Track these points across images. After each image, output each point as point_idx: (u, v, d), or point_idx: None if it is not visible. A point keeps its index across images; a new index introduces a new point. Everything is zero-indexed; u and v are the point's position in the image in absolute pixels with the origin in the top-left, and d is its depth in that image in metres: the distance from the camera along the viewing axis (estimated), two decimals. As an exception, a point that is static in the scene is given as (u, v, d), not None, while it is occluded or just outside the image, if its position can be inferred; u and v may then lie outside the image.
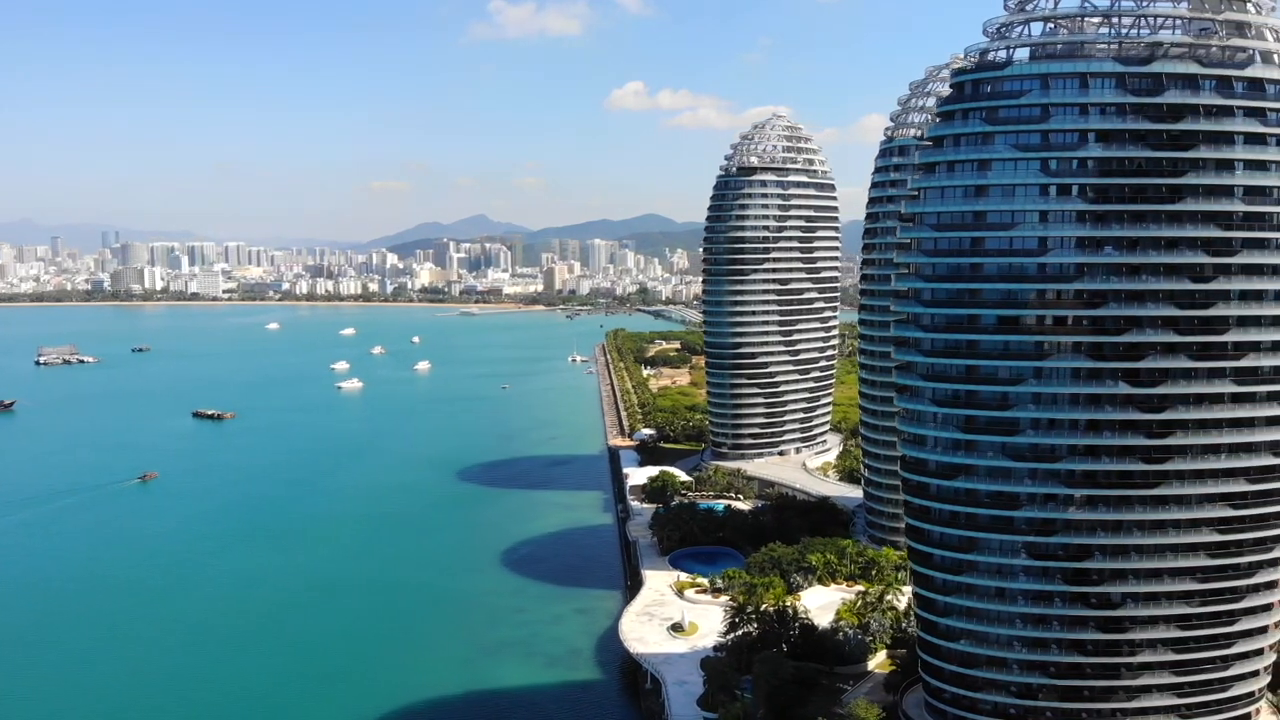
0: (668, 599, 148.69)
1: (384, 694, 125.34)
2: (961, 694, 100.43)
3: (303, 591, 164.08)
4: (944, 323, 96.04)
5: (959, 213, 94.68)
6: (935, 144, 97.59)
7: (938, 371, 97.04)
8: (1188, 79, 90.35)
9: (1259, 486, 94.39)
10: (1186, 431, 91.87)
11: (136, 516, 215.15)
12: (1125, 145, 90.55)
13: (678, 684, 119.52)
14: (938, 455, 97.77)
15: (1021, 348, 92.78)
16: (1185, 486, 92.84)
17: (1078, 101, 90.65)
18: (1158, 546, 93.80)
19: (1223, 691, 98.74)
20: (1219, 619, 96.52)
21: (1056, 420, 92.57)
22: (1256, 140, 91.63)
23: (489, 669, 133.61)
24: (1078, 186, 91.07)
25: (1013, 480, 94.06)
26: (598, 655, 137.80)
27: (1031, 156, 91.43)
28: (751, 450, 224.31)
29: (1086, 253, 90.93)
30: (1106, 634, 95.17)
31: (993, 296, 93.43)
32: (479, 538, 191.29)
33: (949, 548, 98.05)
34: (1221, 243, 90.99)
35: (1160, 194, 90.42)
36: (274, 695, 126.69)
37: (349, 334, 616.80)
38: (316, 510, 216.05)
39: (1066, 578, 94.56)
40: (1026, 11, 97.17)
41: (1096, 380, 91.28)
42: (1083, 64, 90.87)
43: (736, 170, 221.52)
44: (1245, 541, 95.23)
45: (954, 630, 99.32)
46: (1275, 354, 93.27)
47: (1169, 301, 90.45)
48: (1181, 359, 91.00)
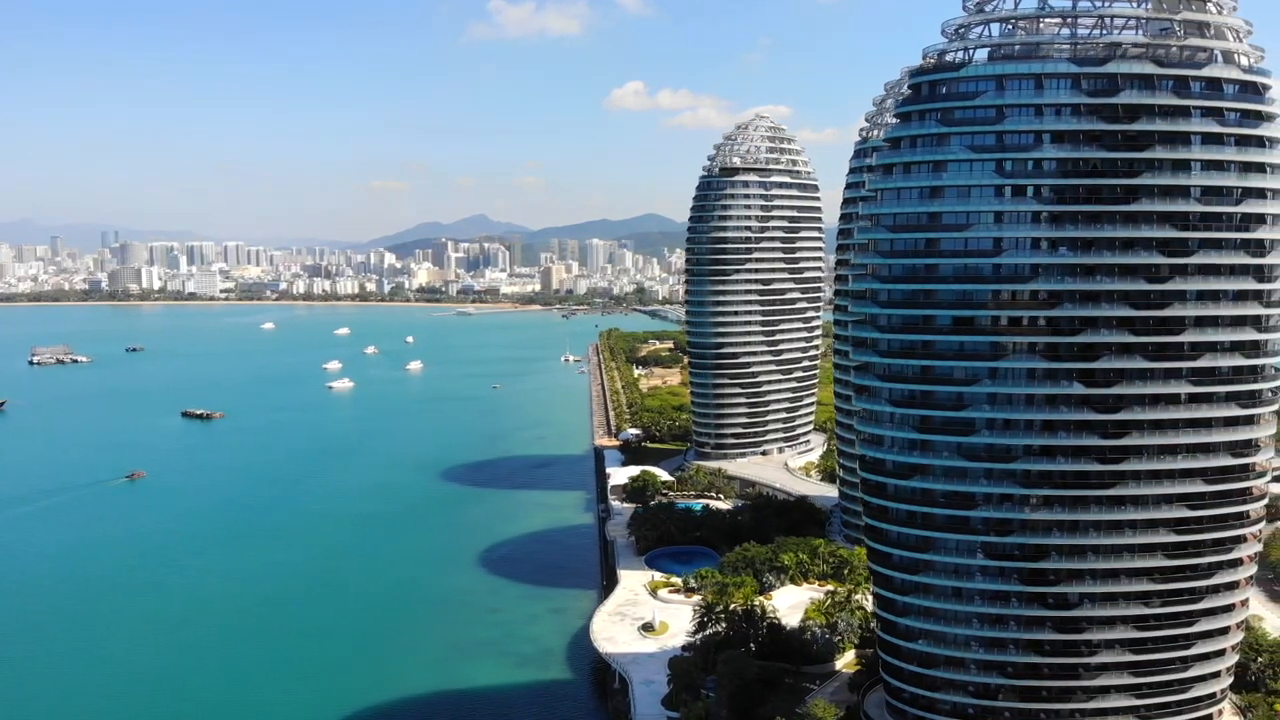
0: (641, 599, 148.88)
1: (354, 693, 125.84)
2: (920, 694, 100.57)
3: (280, 591, 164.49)
4: (900, 323, 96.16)
5: (914, 214, 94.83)
6: (893, 145, 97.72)
7: (894, 372, 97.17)
8: (1143, 79, 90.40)
9: (1217, 488, 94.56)
10: (1142, 432, 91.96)
11: (123, 515, 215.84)
12: (1080, 146, 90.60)
13: (644, 683, 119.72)
14: (894, 455, 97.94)
15: (977, 348, 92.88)
16: (1142, 487, 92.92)
17: (1033, 102, 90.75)
18: (1115, 547, 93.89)
19: (1183, 692, 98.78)
20: (1178, 620, 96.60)
21: (1012, 420, 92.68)
22: (1214, 140, 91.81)
23: (460, 668, 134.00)
24: (1033, 187, 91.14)
25: (968, 480, 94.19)
26: (569, 655, 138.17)
27: (986, 158, 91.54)
28: (734, 450, 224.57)
29: (1041, 253, 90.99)
30: (1064, 634, 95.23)
31: (948, 297, 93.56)
32: (459, 538, 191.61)
33: (906, 547, 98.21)
34: (1178, 243, 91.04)
35: (1116, 194, 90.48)
36: (245, 693, 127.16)
37: (343, 334, 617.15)
38: (299, 510, 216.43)
39: (1023, 578, 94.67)
40: (985, 12, 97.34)
41: (1051, 381, 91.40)
42: (1038, 65, 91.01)
43: (719, 171, 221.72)
44: (1203, 543, 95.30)
45: (912, 630, 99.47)
46: (1233, 355, 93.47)
47: (1124, 302, 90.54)
48: (1137, 359, 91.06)
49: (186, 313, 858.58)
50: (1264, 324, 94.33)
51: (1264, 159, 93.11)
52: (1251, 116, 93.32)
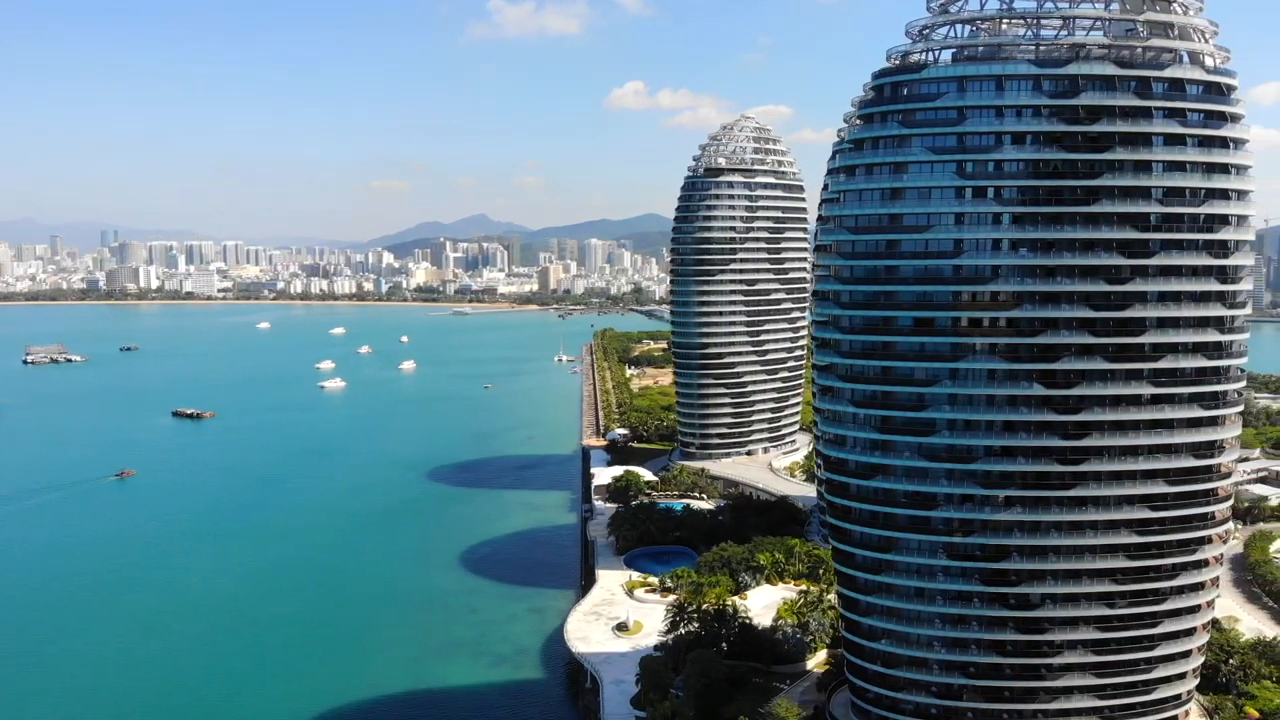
0: (618, 598, 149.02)
1: (326, 692, 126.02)
2: (884, 694, 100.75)
3: (259, 591, 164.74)
4: (861, 324, 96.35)
5: (875, 215, 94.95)
6: (855, 147, 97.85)
7: (856, 372, 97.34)
8: (1104, 80, 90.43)
9: (1179, 489, 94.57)
10: (1103, 433, 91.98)
11: (111, 513, 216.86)
12: (1041, 147, 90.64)
13: (615, 683, 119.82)
14: (857, 455, 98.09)
15: (937, 349, 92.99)
16: (1103, 488, 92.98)
17: (993, 104, 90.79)
18: (1076, 548, 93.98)
19: (1147, 693, 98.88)
20: (1141, 621, 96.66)
21: (972, 421, 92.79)
22: (1175, 141, 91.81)
23: (435, 668, 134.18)
24: (993, 189, 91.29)
25: (929, 480, 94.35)
26: (544, 655, 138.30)
27: (947, 159, 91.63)
28: (719, 450, 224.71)
29: (1002, 255, 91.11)
30: (1026, 635, 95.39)
31: (908, 298, 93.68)
32: (442, 537, 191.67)
33: (869, 547, 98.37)
34: (1138, 244, 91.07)
35: (1076, 196, 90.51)
36: (219, 691, 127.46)
37: (338, 333, 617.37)
38: (283, 509, 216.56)
39: (985, 578, 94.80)
40: (950, 13, 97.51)
41: (1011, 382, 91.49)
42: (998, 66, 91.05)
43: (704, 171, 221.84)
44: (1166, 544, 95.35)
45: (875, 630, 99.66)
46: (1195, 356, 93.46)
47: (1084, 303, 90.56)
48: (1098, 360, 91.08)
49: (183, 312, 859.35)
50: (1227, 325, 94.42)
51: (1227, 160, 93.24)
52: (1215, 117, 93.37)
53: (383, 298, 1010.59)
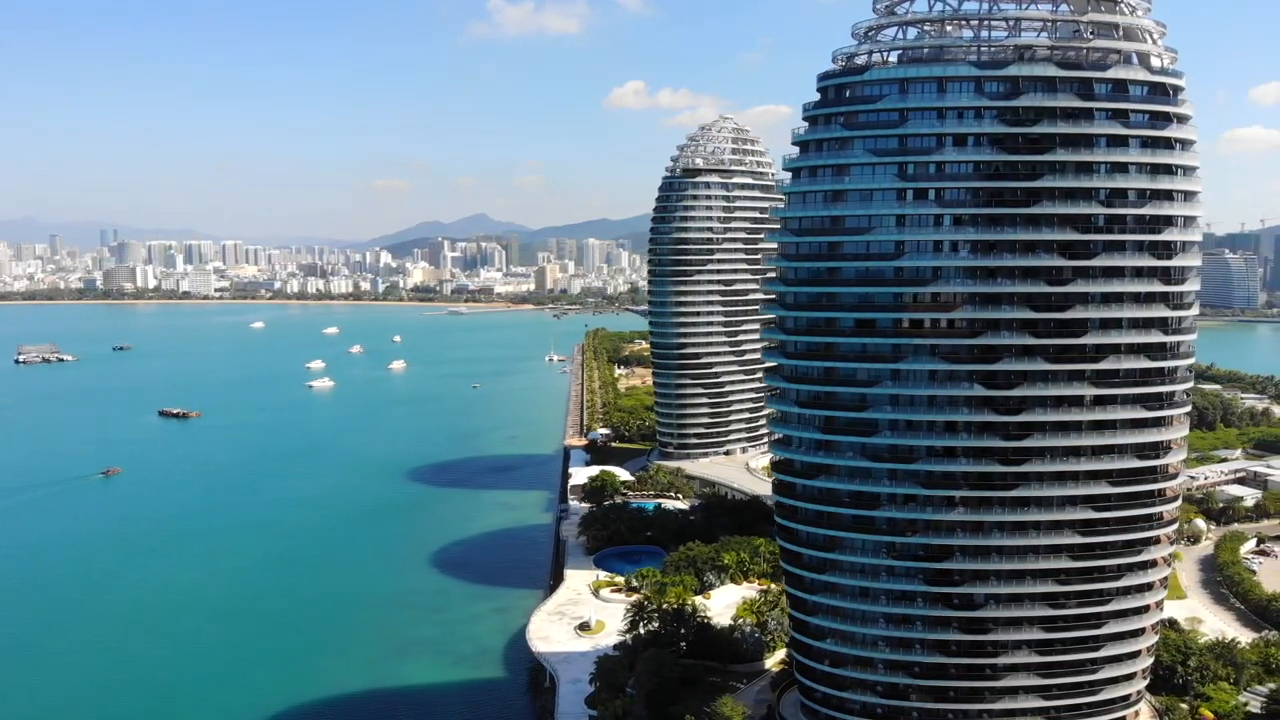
0: (583, 598, 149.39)
1: (287, 690, 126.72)
2: (831, 693, 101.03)
3: (228, 590, 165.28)
4: (805, 325, 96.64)
5: (818, 218, 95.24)
6: (801, 149, 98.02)
7: (800, 373, 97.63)
8: (1045, 82, 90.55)
9: (1123, 490, 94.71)
10: (1044, 434, 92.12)
11: (94, 509, 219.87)
12: (982, 149, 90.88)
13: (571, 682, 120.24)
14: (802, 455, 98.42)
15: (879, 350, 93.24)
16: (1045, 488, 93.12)
17: (934, 106, 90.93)
18: (1019, 548, 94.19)
19: (1094, 694, 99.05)
20: (1086, 621, 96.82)
21: (914, 422, 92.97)
22: (1118, 143, 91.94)
23: (397, 667, 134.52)
24: (934, 190, 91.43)
25: (872, 480, 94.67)
26: (507, 654, 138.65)
27: (888, 161, 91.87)
28: (697, 450, 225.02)
29: (942, 256, 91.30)
30: (970, 635, 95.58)
31: (850, 300, 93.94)
32: (416, 538, 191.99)
33: (815, 547, 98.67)
34: (1080, 245, 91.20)
35: (1017, 197, 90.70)
36: (179, 689, 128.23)
37: (332, 333, 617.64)
38: (261, 509, 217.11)
39: (928, 578, 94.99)
40: (896, 14, 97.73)
41: (952, 382, 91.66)
42: (939, 68, 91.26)
43: (681, 172, 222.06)
44: (1110, 545, 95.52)
45: (822, 629, 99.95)
46: (1138, 357, 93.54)
47: (1025, 304, 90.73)
48: (1039, 361, 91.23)
49: (180, 311, 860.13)
50: (1171, 326, 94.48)
51: (1172, 161, 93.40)
52: (1160, 118, 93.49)
53: (379, 297, 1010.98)
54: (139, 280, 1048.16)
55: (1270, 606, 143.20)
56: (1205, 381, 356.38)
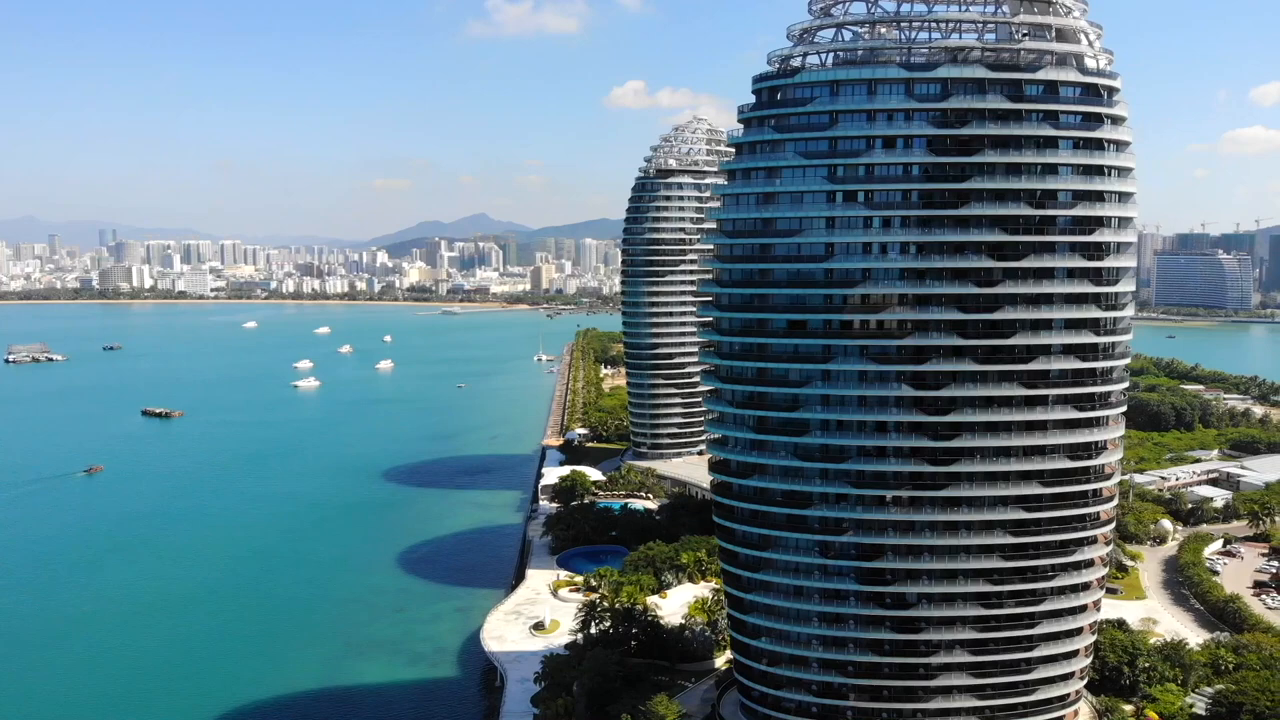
0: (542, 598, 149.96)
1: (241, 689, 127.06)
2: (768, 692, 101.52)
3: (193, 589, 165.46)
4: (739, 326, 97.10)
5: (751, 219, 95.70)
6: (737, 151, 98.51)
7: (735, 374, 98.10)
8: (974, 83, 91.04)
9: (1055, 490, 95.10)
10: (974, 434, 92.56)
11: (75, 506, 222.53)
12: (911, 151, 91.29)
13: (520, 681, 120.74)
14: (737, 455, 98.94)
15: (810, 351, 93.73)
16: (976, 488, 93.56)
17: (864, 108, 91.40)
18: (950, 547, 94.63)
19: (1028, 694, 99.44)
20: (1019, 621, 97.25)
21: (845, 421, 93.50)
22: (1048, 144, 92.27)
23: (351, 666, 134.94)
24: (863, 193, 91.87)
25: (804, 480, 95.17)
26: (462, 654, 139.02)
27: (818, 164, 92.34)
28: (670, 450, 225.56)
29: (871, 258, 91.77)
30: (902, 634, 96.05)
31: (782, 301, 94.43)
32: (384, 538, 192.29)
33: (750, 545, 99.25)
34: (1008, 246, 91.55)
35: (946, 199, 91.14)
36: (135, 688, 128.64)
37: (323, 332, 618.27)
38: (231, 508, 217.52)
39: (860, 577, 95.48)
40: (832, 16, 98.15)
41: (881, 383, 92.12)
42: (868, 70, 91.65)
43: (655, 172, 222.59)
44: (1043, 544, 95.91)
45: (759, 628, 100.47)
46: (1069, 358, 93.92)
47: (954, 305, 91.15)
48: (967, 362, 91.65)
49: (175, 311, 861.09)
50: (1103, 327, 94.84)
51: (1103, 162, 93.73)
52: (1092, 119, 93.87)
53: (374, 297, 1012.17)
54: (135, 280, 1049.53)
55: (1227, 608, 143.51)
56: (1189, 382, 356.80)
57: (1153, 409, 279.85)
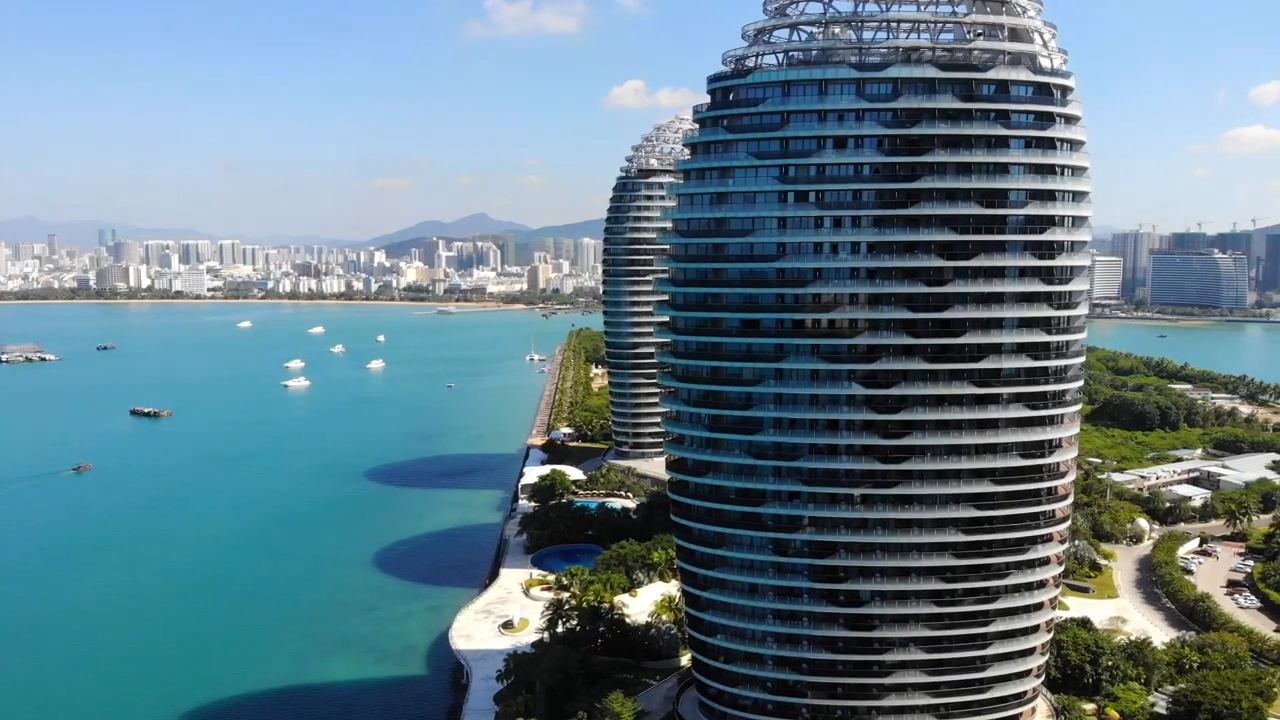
0: (513, 596, 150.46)
1: (210, 686, 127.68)
2: (724, 690, 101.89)
3: (170, 587, 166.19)
4: (693, 325, 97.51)
5: (704, 219, 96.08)
6: (692, 151, 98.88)
7: (690, 372, 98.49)
8: (925, 83, 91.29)
9: (1007, 488, 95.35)
10: (924, 432, 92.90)
11: (63, 503, 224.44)
12: (861, 151, 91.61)
13: (485, 679, 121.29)
14: (693, 453, 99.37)
15: (763, 350, 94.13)
16: (927, 486, 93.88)
17: (815, 108, 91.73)
18: (902, 545, 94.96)
19: (982, 692, 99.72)
20: (973, 620, 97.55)
21: (797, 420, 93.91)
22: (999, 143, 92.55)
23: (320, 664, 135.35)
24: (815, 193, 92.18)
25: (758, 478, 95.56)
26: (431, 652, 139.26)
27: (769, 164, 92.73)
28: (652, 449, 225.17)
29: (822, 258, 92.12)
30: (855, 632, 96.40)
31: (735, 300, 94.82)
32: (362, 537, 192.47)
33: (706, 543, 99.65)
34: (959, 246, 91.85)
35: (896, 198, 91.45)
36: (103, 683, 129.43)
37: (317, 332, 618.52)
38: (213, 507, 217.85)
39: (813, 575, 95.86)
40: (787, 16, 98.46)
41: (833, 381, 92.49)
42: (819, 70, 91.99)
43: (636, 172, 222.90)
44: (994, 543, 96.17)
45: (714, 625, 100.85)
46: (1020, 356, 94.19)
47: (903, 304, 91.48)
48: (917, 361, 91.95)
49: (171, 311, 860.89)
50: (1055, 326, 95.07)
51: (1056, 161, 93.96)
52: (1044, 119, 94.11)
53: (371, 297, 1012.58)
54: (131, 280, 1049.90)
55: (1197, 607, 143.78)
56: (1178, 381, 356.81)
57: (1137, 408, 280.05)
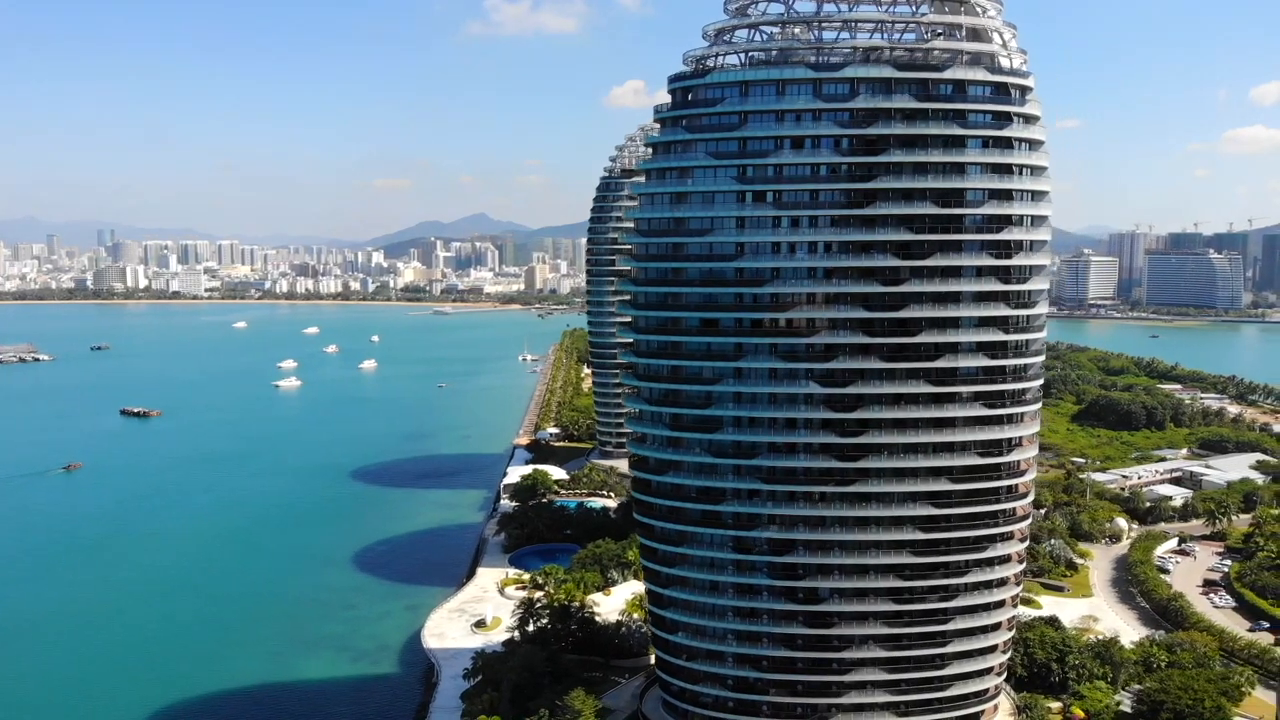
0: (488, 595, 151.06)
1: (183, 684, 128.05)
2: (686, 687, 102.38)
3: (150, 585, 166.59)
4: (654, 325, 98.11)
5: (664, 219, 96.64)
6: (653, 151, 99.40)
7: (651, 371, 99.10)
8: (881, 83, 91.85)
9: (964, 486, 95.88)
10: (881, 430, 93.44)
11: (53, 501, 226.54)
12: (818, 151, 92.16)
13: (454, 677, 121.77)
14: (654, 452, 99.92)
15: (722, 349, 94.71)
16: (884, 484, 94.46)
17: (773, 108, 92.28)
18: (860, 543, 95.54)
19: (942, 690, 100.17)
20: (931, 617, 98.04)
21: (756, 418, 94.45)
22: (955, 143, 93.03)
23: (295, 663, 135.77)
24: (772, 193, 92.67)
25: (717, 476, 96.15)
26: (405, 651, 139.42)
27: (728, 164, 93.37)
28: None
29: (780, 257, 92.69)
30: (814, 629, 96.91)
31: (694, 300, 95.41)
32: (344, 536, 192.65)
33: (668, 541, 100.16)
34: (915, 245, 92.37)
35: (853, 198, 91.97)
36: (77, 680, 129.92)
37: (312, 332, 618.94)
38: (196, 507, 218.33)
39: (772, 572, 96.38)
40: (748, 16, 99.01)
41: (790, 380, 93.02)
42: (776, 70, 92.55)
43: (619, 172, 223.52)
44: (952, 541, 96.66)
45: (676, 623, 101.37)
46: (977, 355, 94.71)
47: (859, 304, 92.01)
48: (873, 360, 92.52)
49: (168, 311, 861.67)
50: (1012, 325, 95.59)
51: (1013, 161, 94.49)
52: (1001, 118, 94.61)
53: (368, 297, 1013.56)
54: (129, 280, 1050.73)
55: (1170, 606, 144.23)
56: (1168, 381, 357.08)
57: (1123, 408, 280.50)
